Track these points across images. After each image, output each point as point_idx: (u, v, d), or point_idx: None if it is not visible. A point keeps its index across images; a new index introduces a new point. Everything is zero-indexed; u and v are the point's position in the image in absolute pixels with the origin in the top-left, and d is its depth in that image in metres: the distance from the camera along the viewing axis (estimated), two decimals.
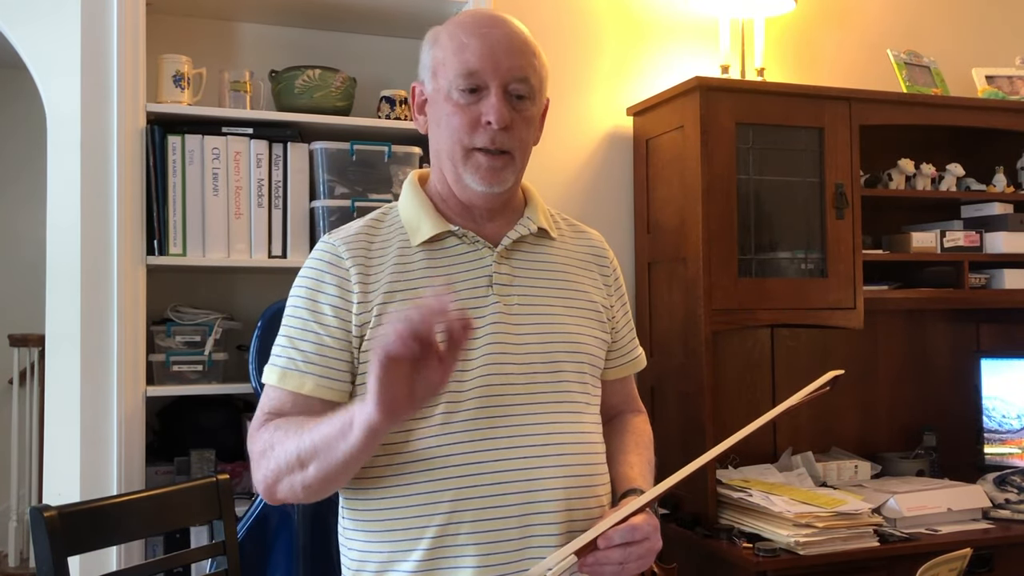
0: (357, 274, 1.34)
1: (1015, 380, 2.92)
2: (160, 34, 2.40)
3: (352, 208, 2.34)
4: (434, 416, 1.30)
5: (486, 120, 1.33)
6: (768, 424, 1.44)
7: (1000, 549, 2.43)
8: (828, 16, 3.16)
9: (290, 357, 1.34)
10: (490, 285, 1.37)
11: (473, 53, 1.33)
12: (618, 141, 2.91)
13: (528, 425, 1.32)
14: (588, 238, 1.55)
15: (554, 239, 1.47)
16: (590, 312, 1.45)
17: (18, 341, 4.57)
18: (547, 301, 1.40)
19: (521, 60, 1.35)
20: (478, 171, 1.35)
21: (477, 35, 1.35)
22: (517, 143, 1.36)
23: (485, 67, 1.33)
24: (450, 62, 1.35)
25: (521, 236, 1.42)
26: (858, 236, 2.62)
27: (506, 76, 1.34)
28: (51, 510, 1.60)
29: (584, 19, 2.91)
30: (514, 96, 1.35)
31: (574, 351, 1.40)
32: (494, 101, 1.33)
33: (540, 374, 1.35)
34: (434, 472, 1.29)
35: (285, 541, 2.10)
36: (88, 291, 2.18)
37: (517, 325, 1.36)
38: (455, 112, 1.34)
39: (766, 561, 2.21)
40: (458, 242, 1.40)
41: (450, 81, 1.35)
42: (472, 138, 1.34)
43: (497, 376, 1.32)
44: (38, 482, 4.30)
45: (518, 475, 1.29)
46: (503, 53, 1.34)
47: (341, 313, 1.33)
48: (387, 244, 1.39)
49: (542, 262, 1.44)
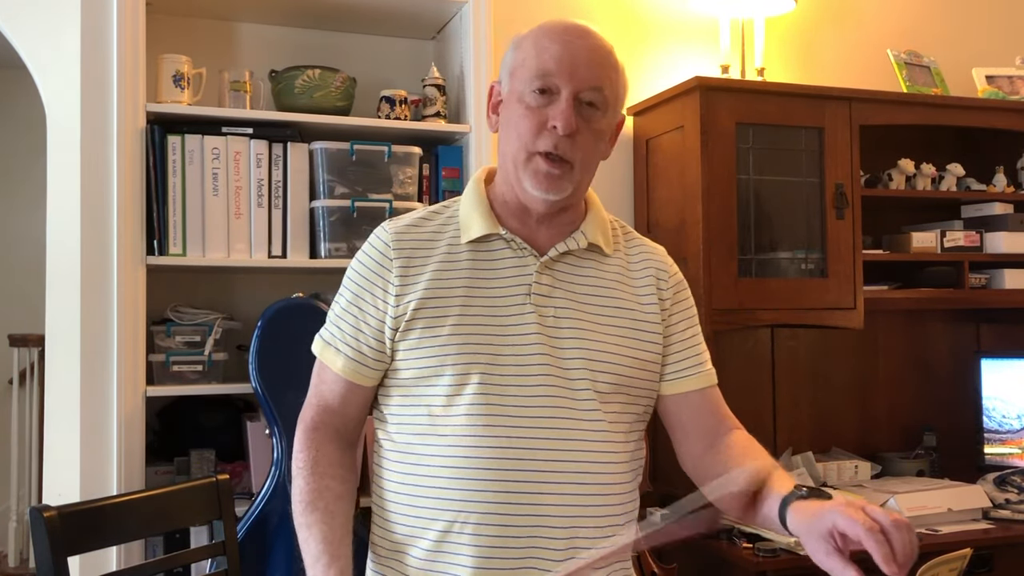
0: (400, 267, 1.36)
1: (1015, 380, 2.92)
2: (160, 34, 2.40)
3: (352, 208, 2.34)
4: (458, 417, 1.31)
5: (552, 124, 1.32)
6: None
7: (1000, 549, 2.43)
8: (828, 16, 3.16)
9: (332, 332, 1.41)
10: (528, 295, 1.36)
11: (552, 56, 1.33)
12: (618, 141, 2.90)
13: (542, 440, 1.30)
14: (650, 254, 1.50)
15: (607, 255, 1.44)
16: (634, 331, 1.40)
17: (18, 341, 4.57)
18: (584, 317, 1.37)
19: (599, 71, 1.35)
20: (536, 176, 1.34)
21: (560, 41, 1.35)
22: (579, 152, 1.35)
23: (561, 71, 1.32)
24: (528, 64, 1.35)
25: (569, 249, 1.40)
26: (858, 236, 2.62)
27: (580, 84, 1.33)
28: (51, 510, 1.60)
29: (584, 19, 2.89)
30: (585, 104, 1.34)
31: (605, 371, 1.36)
32: (563, 106, 1.32)
33: (566, 390, 1.33)
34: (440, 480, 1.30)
35: (285, 541, 2.10)
36: (88, 291, 2.18)
37: (553, 339, 1.35)
38: (525, 114, 1.34)
39: (766, 561, 2.21)
40: (504, 246, 1.39)
41: (525, 82, 1.35)
42: (536, 142, 1.33)
43: (518, 387, 1.32)
44: (38, 482, 4.29)
45: (526, 486, 1.28)
46: (582, 62, 1.34)
47: (379, 304, 1.36)
48: (438, 237, 1.40)
49: (587, 277, 1.41)
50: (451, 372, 1.31)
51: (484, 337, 1.33)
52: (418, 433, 1.34)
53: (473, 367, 1.31)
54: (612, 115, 1.40)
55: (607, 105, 1.37)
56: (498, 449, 1.29)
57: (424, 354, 1.33)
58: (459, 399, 1.31)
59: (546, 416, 1.31)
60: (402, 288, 1.35)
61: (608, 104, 1.37)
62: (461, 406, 1.31)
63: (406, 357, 1.35)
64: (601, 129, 1.38)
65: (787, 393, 2.93)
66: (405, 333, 1.34)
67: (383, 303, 1.36)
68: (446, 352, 1.32)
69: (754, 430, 1.50)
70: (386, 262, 1.38)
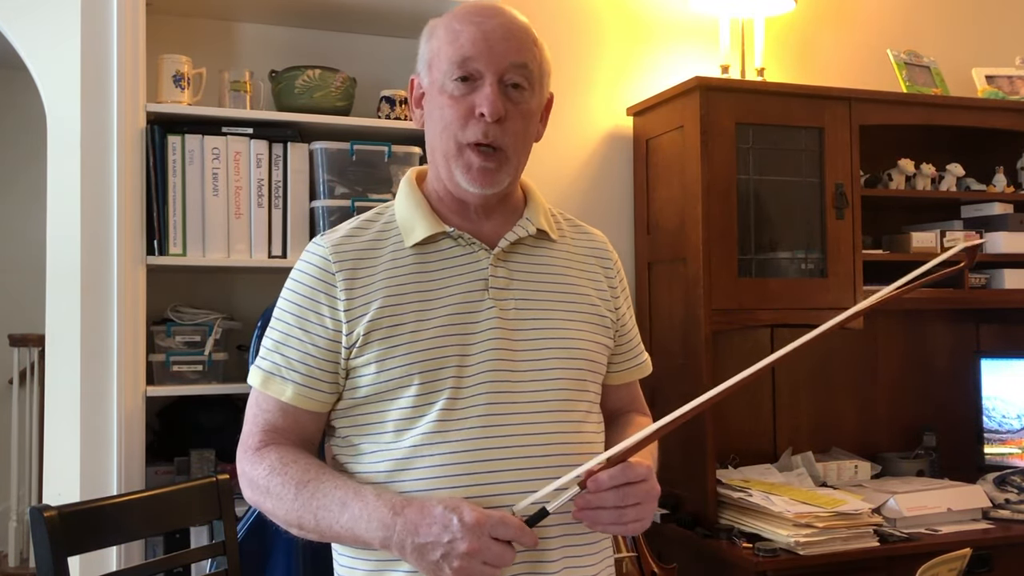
0: (344, 281, 1.30)
1: (1015, 380, 2.92)
2: (160, 34, 2.40)
3: (352, 208, 2.34)
4: (431, 424, 1.26)
5: (479, 112, 1.27)
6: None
7: (1000, 549, 2.43)
8: (828, 16, 3.16)
9: (274, 362, 1.32)
10: (486, 289, 1.32)
11: (468, 39, 1.28)
12: (618, 141, 2.91)
13: (527, 435, 1.27)
14: (591, 238, 1.48)
15: (554, 240, 1.41)
16: (592, 316, 1.39)
17: (18, 341, 4.57)
18: (546, 306, 1.35)
19: (520, 48, 1.29)
20: (469, 171, 1.30)
21: (472, 23, 1.29)
22: (511, 138, 1.30)
23: (479, 54, 1.27)
24: (444, 52, 1.30)
25: (519, 238, 1.36)
26: (858, 236, 2.62)
27: (501, 64, 1.27)
28: (51, 510, 1.60)
29: (584, 19, 2.91)
30: (510, 86, 1.29)
31: (574, 357, 1.34)
32: (488, 91, 1.26)
33: (539, 382, 1.30)
34: (430, 481, 1.24)
35: (285, 541, 2.10)
36: (88, 291, 2.18)
37: (515, 331, 1.31)
38: (448, 104, 1.29)
39: (766, 561, 2.21)
40: (453, 244, 1.34)
41: (444, 72, 1.29)
42: (464, 132, 1.28)
43: (495, 384, 1.28)
44: (38, 482, 4.29)
45: (515, 487, 1.24)
46: (499, 40, 1.28)
47: (327, 322, 1.29)
48: (379, 246, 1.34)
49: (541, 264, 1.38)
50: (419, 381, 1.26)
51: (448, 339, 1.28)
52: (389, 451, 1.28)
53: (443, 372, 1.26)
54: (540, 93, 1.35)
55: (533, 83, 1.32)
56: (482, 451, 1.25)
57: (385, 367, 1.27)
58: (430, 408, 1.26)
59: (525, 411, 1.28)
60: (350, 303, 1.28)
61: (535, 81, 1.32)
62: (434, 413, 1.26)
63: (364, 374, 1.28)
64: (531, 110, 1.33)
65: (787, 393, 2.93)
66: (361, 350, 1.27)
67: (332, 321, 1.29)
68: (411, 361, 1.26)
69: (754, 430, 1.50)
70: (328, 277, 1.30)
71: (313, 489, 1.24)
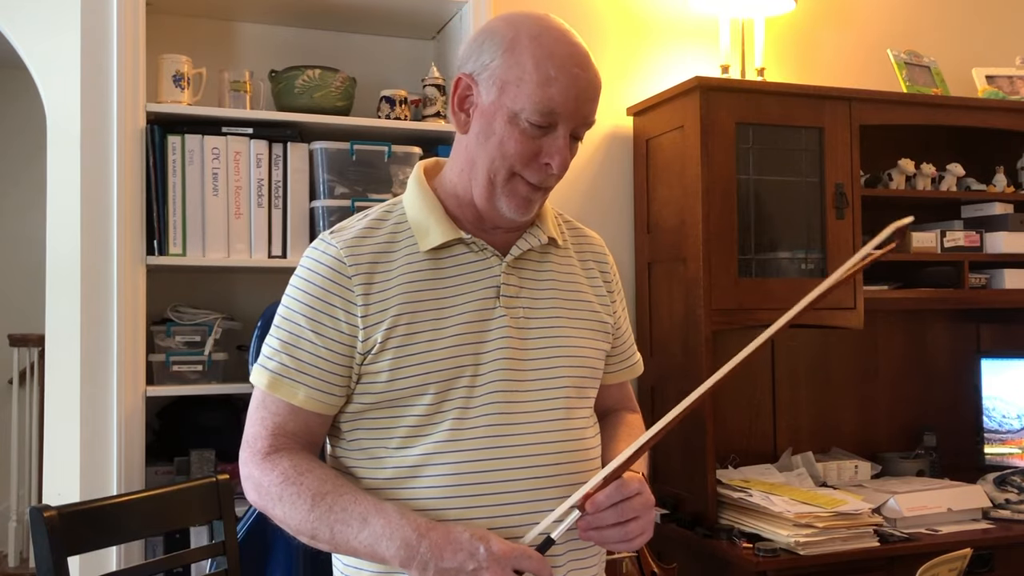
0: (361, 285, 1.28)
1: (1015, 380, 2.92)
2: (160, 34, 2.40)
3: (352, 208, 2.34)
4: (444, 434, 1.26)
5: (545, 161, 1.28)
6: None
7: (1000, 549, 2.43)
8: (828, 16, 3.16)
9: (282, 363, 1.29)
10: (497, 297, 1.32)
11: (560, 93, 1.25)
12: (618, 141, 2.91)
13: (534, 444, 1.28)
14: (590, 242, 1.50)
15: (560, 247, 1.43)
16: (593, 323, 1.41)
17: (18, 341, 4.57)
18: (552, 313, 1.36)
19: (594, 106, 1.31)
20: (513, 198, 1.30)
21: (569, 74, 1.26)
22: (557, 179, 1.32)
23: (566, 111, 1.26)
24: (530, 92, 1.25)
25: (531, 246, 1.38)
26: (858, 236, 2.62)
27: (578, 121, 1.29)
28: (51, 510, 1.60)
29: (584, 19, 2.90)
30: (573, 138, 1.31)
31: (577, 365, 1.36)
32: (560, 144, 1.27)
33: (545, 391, 1.32)
34: (441, 489, 1.25)
35: (285, 541, 2.10)
36: (88, 291, 2.18)
37: (523, 339, 1.32)
38: (518, 139, 1.27)
39: (766, 561, 2.21)
40: (466, 250, 1.34)
41: (524, 109, 1.26)
42: (525, 170, 1.29)
43: (504, 394, 1.29)
44: (38, 482, 4.30)
45: (524, 496, 1.26)
46: (586, 101, 1.28)
47: (342, 326, 1.27)
48: (393, 248, 1.32)
49: (548, 271, 1.39)
50: (434, 391, 1.26)
51: (463, 348, 1.28)
52: (399, 456, 1.28)
53: (457, 381, 1.27)
54: None
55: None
56: (492, 461, 1.26)
57: (401, 375, 1.26)
58: (443, 416, 1.26)
59: (534, 419, 1.29)
60: (367, 309, 1.27)
61: None
62: (446, 421, 1.26)
63: (377, 380, 1.27)
64: (575, 152, 1.35)
65: (787, 393, 2.93)
66: (377, 356, 1.26)
67: (348, 325, 1.27)
68: (427, 371, 1.26)
69: (754, 430, 1.50)
70: (343, 280, 1.28)
71: (331, 502, 1.23)
